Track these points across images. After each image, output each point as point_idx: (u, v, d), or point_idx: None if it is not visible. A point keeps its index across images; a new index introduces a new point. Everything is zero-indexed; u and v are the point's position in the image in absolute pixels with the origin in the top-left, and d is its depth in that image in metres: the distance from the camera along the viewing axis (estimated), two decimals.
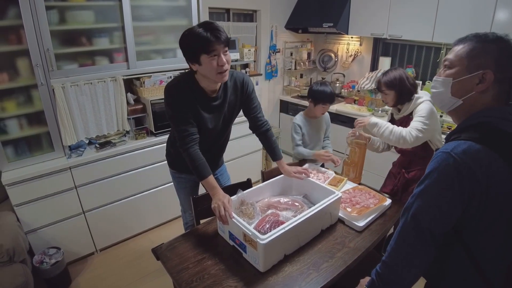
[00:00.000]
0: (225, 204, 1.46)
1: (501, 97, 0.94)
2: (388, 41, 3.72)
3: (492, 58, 0.91)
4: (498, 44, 0.91)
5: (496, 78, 0.91)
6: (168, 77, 2.82)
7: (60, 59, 2.24)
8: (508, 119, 0.91)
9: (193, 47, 1.45)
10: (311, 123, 2.44)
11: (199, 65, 1.49)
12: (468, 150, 0.88)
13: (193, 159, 1.60)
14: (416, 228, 0.96)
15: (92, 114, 2.45)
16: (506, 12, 2.52)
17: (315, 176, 2.09)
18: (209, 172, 1.62)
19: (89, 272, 2.49)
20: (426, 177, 0.95)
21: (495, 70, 0.91)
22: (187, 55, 1.50)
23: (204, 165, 1.62)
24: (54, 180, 2.26)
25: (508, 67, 0.91)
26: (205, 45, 1.42)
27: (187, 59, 1.52)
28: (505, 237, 0.93)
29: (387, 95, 1.96)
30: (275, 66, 4.20)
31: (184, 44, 1.49)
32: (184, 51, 1.50)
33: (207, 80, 1.57)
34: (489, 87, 0.93)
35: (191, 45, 1.45)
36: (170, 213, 3.06)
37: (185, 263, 1.41)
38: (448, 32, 2.86)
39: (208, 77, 1.53)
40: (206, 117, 1.67)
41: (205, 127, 1.69)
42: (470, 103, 0.97)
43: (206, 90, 1.63)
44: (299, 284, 1.30)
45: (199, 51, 1.44)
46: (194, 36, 1.42)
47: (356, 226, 1.64)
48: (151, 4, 2.59)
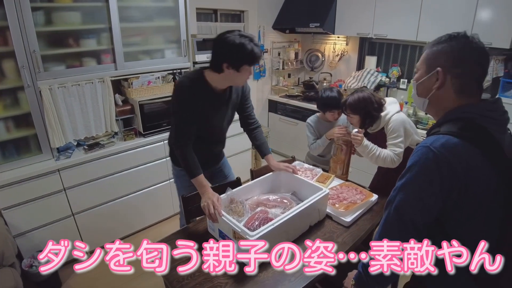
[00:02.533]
0: (214, 203, 1.51)
1: (468, 91, 0.98)
2: (374, 40, 3.79)
3: (444, 57, 0.98)
4: (449, 42, 0.97)
5: (453, 73, 0.97)
6: (156, 78, 2.82)
7: (47, 60, 2.22)
8: (485, 115, 0.95)
9: (242, 58, 1.55)
10: (324, 125, 2.42)
11: (236, 71, 1.57)
12: (447, 143, 0.92)
13: (186, 157, 1.67)
14: (399, 220, 1.00)
15: (80, 116, 2.44)
16: (487, 11, 2.61)
17: (303, 173, 2.12)
18: (199, 171, 1.67)
19: (80, 274, 2.46)
20: (407, 171, 0.99)
21: (448, 66, 0.97)
22: (231, 60, 1.55)
23: (196, 164, 1.68)
24: (43, 182, 2.24)
25: (461, 62, 0.96)
26: (254, 61, 1.59)
27: (227, 62, 1.55)
28: (485, 228, 0.97)
29: (352, 118, 2.00)
30: (263, 66, 4.23)
31: (234, 49, 1.52)
32: (230, 55, 1.54)
33: (226, 83, 1.69)
34: (444, 83, 0.99)
35: (242, 53, 1.53)
36: (161, 214, 3.07)
37: (175, 263, 1.43)
38: (431, 31, 2.93)
39: (235, 82, 1.68)
40: (214, 114, 1.76)
41: (212, 123, 1.79)
42: (435, 101, 1.04)
43: (215, 89, 1.70)
44: (289, 279, 1.33)
45: (245, 62, 1.56)
46: (248, 51, 1.53)
47: (343, 221, 1.68)
48: (139, 5, 2.59)
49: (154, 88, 2.81)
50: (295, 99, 4.16)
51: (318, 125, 2.42)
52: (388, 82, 3.67)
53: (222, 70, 1.59)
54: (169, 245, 1.53)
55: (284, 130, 4.35)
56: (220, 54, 1.57)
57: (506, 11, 2.50)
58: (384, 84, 3.68)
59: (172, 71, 2.96)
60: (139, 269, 2.51)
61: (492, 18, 2.60)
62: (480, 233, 0.97)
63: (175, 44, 2.90)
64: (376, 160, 1.93)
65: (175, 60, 2.92)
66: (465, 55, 0.96)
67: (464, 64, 0.96)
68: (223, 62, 1.56)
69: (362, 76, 3.76)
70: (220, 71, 1.59)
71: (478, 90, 0.99)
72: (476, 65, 0.96)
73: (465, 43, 0.96)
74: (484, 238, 0.97)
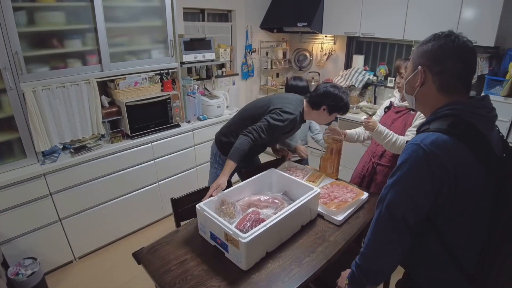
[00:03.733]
0: (214, 188, 1.68)
1: (451, 89, 1.00)
2: (361, 39, 3.82)
3: (427, 56, 1.01)
4: (433, 42, 1.00)
5: (433, 71, 1.00)
6: (143, 79, 2.78)
7: (30, 62, 2.16)
8: (474, 112, 0.96)
9: (340, 107, 1.93)
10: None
11: (329, 115, 1.97)
12: (436, 141, 0.92)
13: (244, 147, 1.82)
14: (391, 218, 1.00)
15: (66, 118, 2.38)
16: (472, 10, 2.66)
17: (294, 173, 2.12)
18: (238, 161, 1.82)
19: (68, 281, 2.42)
20: (398, 169, 0.99)
21: (430, 65, 1.00)
22: (330, 106, 1.92)
23: (242, 154, 1.81)
24: (28, 187, 2.18)
25: (442, 59, 0.98)
26: (345, 111, 1.98)
27: (327, 106, 1.92)
28: (474, 224, 0.98)
29: (404, 78, 1.93)
30: (251, 66, 4.22)
31: (335, 101, 1.90)
32: (331, 105, 1.92)
33: (314, 118, 2.07)
34: (425, 81, 1.02)
35: (339, 106, 1.92)
36: (150, 217, 3.03)
37: (167, 266, 1.41)
38: (418, 30, 2.98)
39: (319, 120, 2.08)
40: (288, 135, 2.19)
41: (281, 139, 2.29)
42: (421, 98, 1.07)
43: (302, 118, 2.05)
44: (282, 279, 1.32)
45: (338, 111, 1.96)
46: (344, 103, 1.92)
47: (335, 220, 1.69)
48: (124, 5, 2.54)
49: (141, 89, 2.77)
50: None
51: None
52: (376, 80, 3.71)
53: (318, 109, 1.96)
54: (160, 247, 1.53)
55: None
56: (324, 99, 1.92)
57: (491, 10, 2.55)
58: (372, 82, 3.71)
59: (159, 72, 2.92)
60: (130, 274, 2.49)
61: (477, 16, 2.65)
62: (469, 228, 0.98)
63: (162, 44, 2.86)
64: (391, 147, 1.89)
65: (162, 61, 2.88)
66: (444, 54, 0.97)
67: (443, 63, 0.98)
68: (324, 105, 1.92)
69: (350, 75, 3.79)
70: (317, 109, 1.96)
71: (463, 88, 1.00)
72: (456, 63, 0.97)
73: (445, 42, 0.97)
74: (473, 233, 0.98)
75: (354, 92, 3.80)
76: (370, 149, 2.21)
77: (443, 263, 1.03)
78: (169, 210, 3.09)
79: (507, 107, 2.50)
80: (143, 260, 1.46)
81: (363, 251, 1.10)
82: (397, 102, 2.06)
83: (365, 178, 2.16)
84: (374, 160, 2.12)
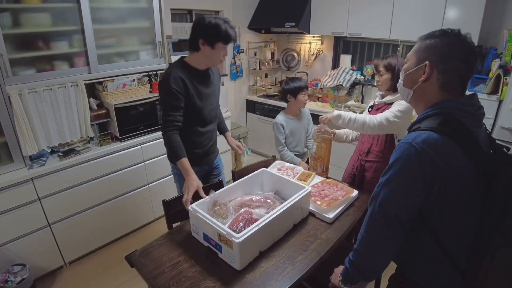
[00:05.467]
0: (189, 192, 1.65)
1: (451, 88, 1.02)
2: (348, 39, 3.87)
3: (434, 51, 1.01)
4: (441, 38, 1.00)
5: (439, 68, 1.01)
6: (131, 80, 2.76)
7: (16, 64, 2.12)
8: (464, 110, 0.99)
9: (217, 34, 1.73)
10: (293, 122, 2.50)
11: (211, 48, 1.75)
12: (428, 139, 0.95)
13: (172, 140, 1.77)
14: (384, 215, 1.02)
15: (54, 121, 2.35)
16: (455, 10, 2.73)
17: (285, 172, 2.14)
18: (184, 154, 1.78)
19: (59, 287, 2.38)
20: (390, 167, 1.02)
21: (437, 61, 1.01)
22: (206, 36, 1.73)
23: (181, 147, 1.78)
24: (15, 192, 2.14)
25: (449, 58, 0.99)
26: (227, 38, 1.76)
27: (203, 38, 1.73)
28: (465, 221, 1.01)
29: (382, 76, 1.96)
30: (240, 67, 4.23)
31: (210, 27, 1.72)
32: (206, 32, 1.73)
33: (204, 62, 1.85)
34: (430, 77, 1.02)
35: (216, 31, 1.72)
36: (141, 220, 3.01)
37: (160, 268, 1.40)
38: (404, 29, 3.03)
39: (211, 60, 1.83)
40: (205, 91, 1.92)
41: (205, 100, 1.92)
42: (419, 93, 1.08)
43: (197, 68, 1.87)
44: (276, 278, 1.34)
45: (219, 39, 1.74)
46: (221, 28, 1.72)
47: (326, 218, 1.71)
48: (112, 6, 2.51)
49: (130, 91, 2.75)
50: (272, 99, 4.19)
51: (287, 123, 2.48)
52: (363, 80, 3.76)
53: (199, 48, 1.77)
54: (153, 250, 1.52)
55: (262, 129, 4.36)
56: (197, 32, 1.75)
57: (474, 9, 2.62)
58: (359, 82, 3.77)
59: (147, 73, 2.91)
60: (122, 277, 2.47)
61: (460, 16, 2.71)
62: (461, 224, 1.01)
63: (150, 45, 2.85)
64: (353, 124, 1.93)
65: (150, 62, 2.87)
66: (452, 52, 0.99)
67: (450, 61, 0.99)
68: (199, 38, 1.74)
69: (338, 75, 3.83)
70: (198, 48, 1.77)
71: (461, 88, 1.02)
72: (461, 63, 0.99)
73: (454, 40, 0.99)
74: (465, 229, 1.01)
75: (342, 91, 3.84)
76: (357, 148, 2.24)
77: (436, 259, 1.05)
78: (159, 212, 3.07)
79: (490, 104, 2.57)
80: (136, 263, 1.45)
81: (357, 248, 1.12)
82: (378, 100, 2.10)
83: (355, 177, 2.19)
84: (362, 158, 2.15)
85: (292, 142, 2.52)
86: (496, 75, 2.54)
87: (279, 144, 2.48)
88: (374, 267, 1.11)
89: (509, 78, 2.45)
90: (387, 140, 2.03)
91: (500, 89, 2.53)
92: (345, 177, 2.29)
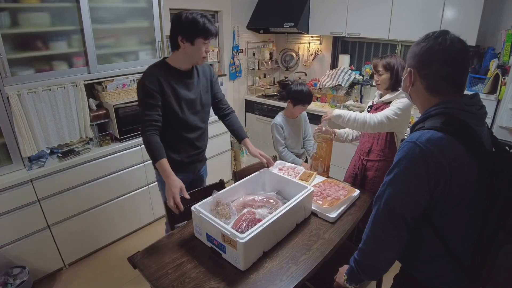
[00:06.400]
0: (174, 195, 1.56)
1: (438, 90, 1.04)
2: (347, 39, 3.87)
3: (415, 58, 1.05)
4: (422, 44, 1.03)
5: (421, 74, 1.05)
6: (131, 80, 2.74)
7: (15, 64, 2.10)
8: (465, 109, 1.00)
9: (195, 29, 1.65)
10: (291, 123, 2.51)
11: (191, 44, 1.67)
12: (432, 138, 0.96)
13: (150, 141, 1.69)
14: (390, 214, 1.03)
15: (53, 122, 2.33)
16: (454, 10, 2.74)
17: (286, 172, 2.14)
18: (163, 155, 1.69)
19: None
20: (395, 166, 1.02)
21: (418, 67, 1.05)
22: (184, 33, 1.66)
23: (160, 147, 1.70)
24: (14, 194, 2.12)
25: (428, 63, 1.02)
26: (206, 33, 1.67)
27: (182, 35, 1.66)
28: (468, 218, 1.02)
29: (381, 76, 1.98)
30: (238, 67, 4.22)
31: (187, 23, 1.64)
32: (184, 29, 1.65)
33: (186, 60, 1.77)
34: (415, 82, 1.07)
35: (194, 27, 1.64)
36: (141, 220, 2.99)
37: (164, 269, 1.40)
38: (402, 29, 3.03)
39: (193, 57, 1.74)
40: (185, 94, 1.80)
41: (185, 103, 1.81)
42: (414, 96, 1.12)
43: (180, 68, 1.78)
44: (280, 278, 1.33)
45: (198, 34, 1.66)
46: (199, 22, 1.64)
47: (328, 217, 1.71)
48: (111, 6, 2.50)
49: (129, 91, 2.74)
50: (271, 99, 4.18)
51: (286, 124, 2.49)
52: (361, 79, 3.77)
53: (178, 46, 1.70)
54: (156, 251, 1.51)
55: (261, 129, 4.36)
56: (175, 29, 1.68)
57: (472, 10, 2.63)
58: (358, 82, 3.77)
59: None
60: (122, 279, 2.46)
61: (459, 17, 2.72)
62: (464, 222, 1.02)
63: (150, 45, 2.84)
64: (354, 123, 1.93)
65: (149, 62, 2.76)
66: (430, 57, 1.01)
67: (430, 66, 1.02)
68: (178, 35, 1.67)
69: (337, 75, 3.83)
70: (177, 46, 1.71)
71: (452, 88, 1.03)
72: (442, 66, 1.00)
73: (432, 45, 1.00)
74: (468, 226, 1.02)
75: (341, 91, 3.85)
76: (358, 148, 2.25)
77: (440, 256, 1.06)
78: (159, 213, 3.06)
79: (489, 103, 2.57)
80: (139, 264, 1.45)
81: (362, 247, 1.12)
82: (376, 99, 2.11)
83: (357, 177, 2.20)
84: (363, 157, 2.16)
85: (291, 144, 2.53)
86: (495, 75, 2.55)
87: (280, 144, 2.48)
88: (379, 266, 1.12)
89: (507, 77, 2.47)
90: (388, 139, 2.04)
91: (498, 88, 2.54)
92: (347, 177, 2.29)
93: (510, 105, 2.39)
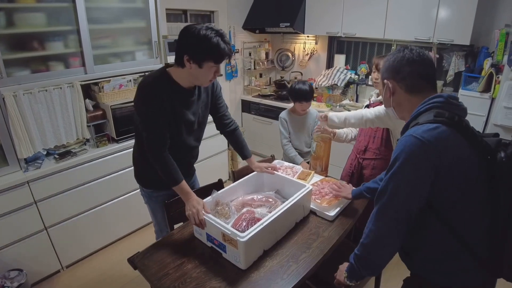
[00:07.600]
0: (199, 212, 1.47)
1: (418, 88, 1.12)
2: (343, 39, 3.89)
3: (388, 70, 1.17)
4: (390, 59, 1.16)
5: (396, 79, 1.15)
6: (127, 81, 2.73)
7: (10, 65, 2.08)
8: (451, 102, 1.05)
9: (205, 52, 1.41)
10: (295, 119, 2.54)
11: (199, 67, 1.44)
12: (428, 129, 0.99)
13: (167, 164, 1.56)
14: (394, 207, 1.04)
15: (49, 123, 2.31)
16: (448, 10, 2.77)
17: (284, 171, 2.14)
18: (181, 177, 1.60)
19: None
20: (395, 161, 1.03)
21: (393, 75, 1.16)
22: (192, 53, 1.41)
23: (177, 170, 1.59)
24: (11, 196, 2.10)
25: (399, 69, 1.13)
26: (219, 57, 1.43)
27: (188, 55, 1.42)
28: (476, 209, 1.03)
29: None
30: (235, 67, 4.23)
31: (197, 41, 1.39)
32: (192, 48, 1.41)
33: (190, 81, 1.55)
34: (395, 89, 1.16)
35: (205, 49, 1.40)
36: (139, 221, 2.98)
37: (164, 270, 1.40)
38: (398, 29, 3.07)
39: (198, 79, 1.53)
40: (186, 113, 1.61)
41: (185, 126, 1.65)
42: (398, 106, 1.20)
43: (182, 85, 1.57)
44: (281, 276, 1.34)
45: (209, 59, 1.42)
46: (213, 44, 1.39)
47: (327, 216, 1.72)
48: (108, 6, 2.49)
49: (126, 92, 2.73)
50: (268, 99, 4.19)
51: (290, 119, 2.53)
52: (357, 79, 3.79)
53: (183, 64, 1.45)
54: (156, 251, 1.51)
55: (258, 129, 4.37)
56: (181, 46, 1.44)
57: (466, 9, 2.67)
58: (354, 81, 3.80)
59: (144, 73, 2.88)
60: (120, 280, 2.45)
61: (453, 17, 2.76)
62: (474, 212, 1.03)
63: (146, 45, 2.83)
64: (352, 120, 1.96)
65: (146, 62, 2.85)
66: (400, 64, 1.13)
67: (402, 70, 1.12)
68: (184, 54, 1.42)
69: (332, 74, 3.86)
70: (182, 65, 1.46)
71: (429, 85, 1.12)
72: (414, 66, 1.11)
73: (398, 55, 1.13)
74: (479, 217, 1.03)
75: (337, 90, 3.87)
76: (355, 147, 2.27)
77: (457, 254, 1.05)
78: None
79: (483, 102, 2.61)
80: (139, 265, 1.44)
81: (363, 241, 1.13)
82: (374, 98, 2.13)
83: (354, 175, 2.21)
84: (360, 156, 2.18)
85: (294, 140, 2.56)
86: (489, 74, 2.58)
87: (284, 137, 2.54)
88: (379, 260, 1.13)
89: (501, 76, 2.50)
90: (384, 137, 2.06)
91: (492, 87, 2.58)
92: (344, 176, 2.31)
93: (504, 103, 2.42)
